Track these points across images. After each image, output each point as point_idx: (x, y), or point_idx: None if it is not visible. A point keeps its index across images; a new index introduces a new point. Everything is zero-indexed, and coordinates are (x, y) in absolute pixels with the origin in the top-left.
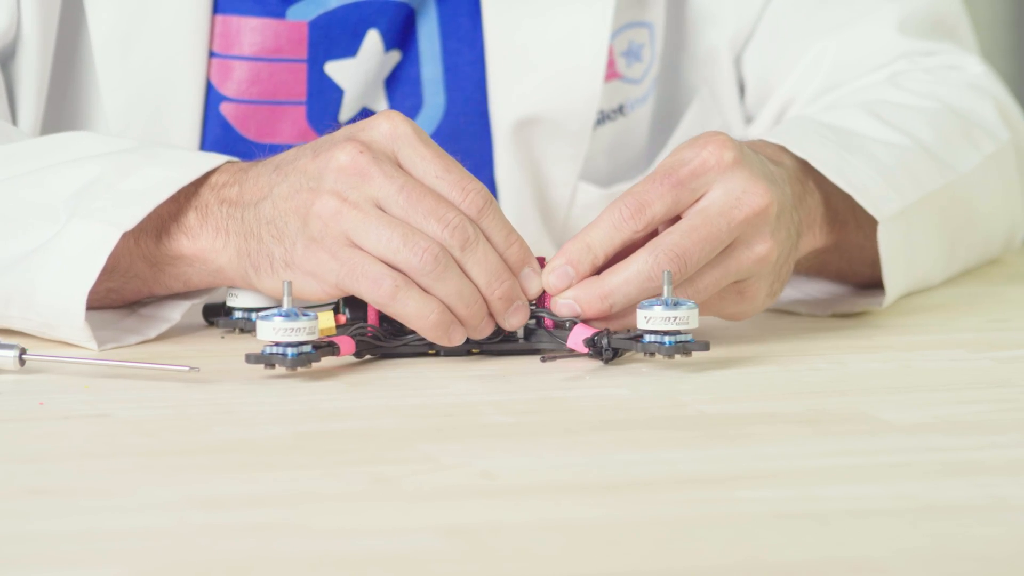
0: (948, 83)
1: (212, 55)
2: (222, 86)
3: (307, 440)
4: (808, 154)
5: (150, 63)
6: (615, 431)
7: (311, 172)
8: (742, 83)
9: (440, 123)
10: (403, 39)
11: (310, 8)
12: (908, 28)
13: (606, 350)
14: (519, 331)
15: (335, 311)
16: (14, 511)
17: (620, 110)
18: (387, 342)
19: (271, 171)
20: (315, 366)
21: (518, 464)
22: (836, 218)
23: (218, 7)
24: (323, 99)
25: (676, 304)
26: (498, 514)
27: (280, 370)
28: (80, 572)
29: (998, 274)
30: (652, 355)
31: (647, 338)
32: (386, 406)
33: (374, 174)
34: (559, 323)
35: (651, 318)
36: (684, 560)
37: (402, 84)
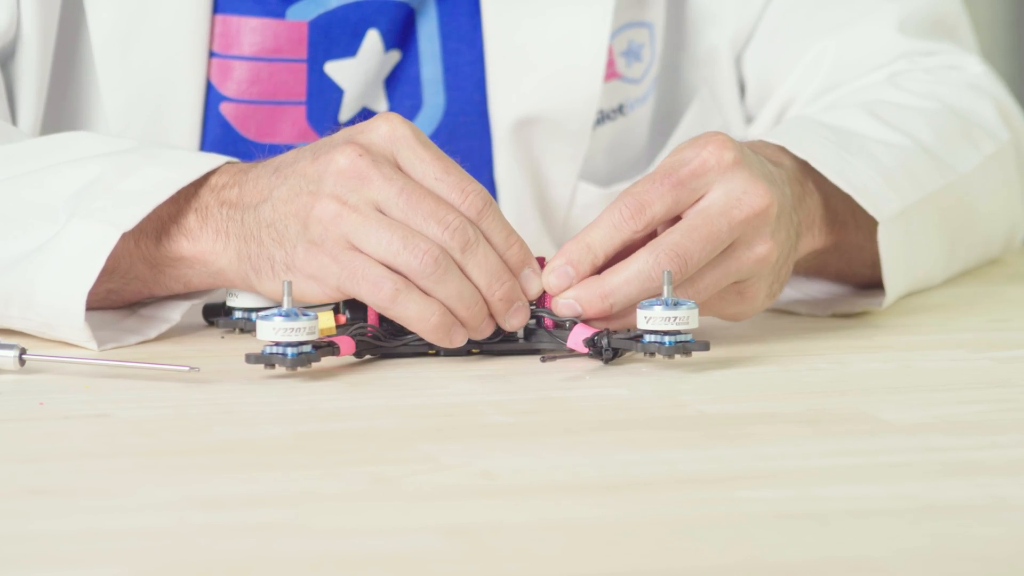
0: (948, 83)
1: (212, 55)
2: (222, 86)
3: (307, 440)
4: (808, 155)
5: (150, 63)
6: (615, 431)
7: (311, 175)
8: (742, 83)
9: (440, 123)
10: (403, 39)
11: (310, 8)
12: (908, 28)
13: (606, 350)
14: (519, 331)
15: (335, 311)
16: (14, 511)
17: (620, 110)
18: (387, 342)
19: (271, 173)
20: (315, 366)
21: (518, 464)
22: (836, 219)
23: (218, 7)
24: (323, 99)
25: (676, 304)
26: (498, 514)
27: (280, 370)
28: (80, 572)
29: (998, 274)
30: (652, 355)
31: (647, 338)
32: (386, 406)
33: (373, 177)
34: (559, 323)
35: (651, 318)
36: (684, 560)
37: (402, 84)
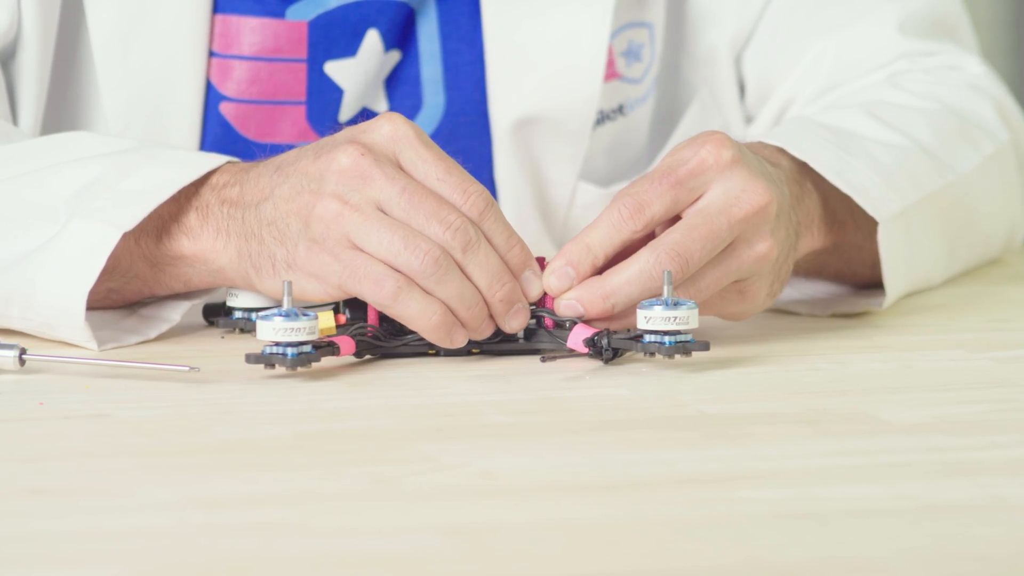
0: (948, 84)
1: (212, 55)
2: (222, 86)
3: (307, 440)
4: (807, 155)
5: (150, 63)
6: (615, 431)
7: (312, 174)
8: (742, 83)
9: (440, 123)
10: (403, 39)
11: (310, 8)
12: (908, 28)
13: (606, 350)
14: (519, 331)
15: (335, 311)
16: (14, 511)
17: (620, 110)
18: (387, 342)
19: (272, 172)
20: (315, 366)
21: (518, 464)
22: (835, 219)
23: (218, 7)
24: (323, 99)
25: (676, 304)
26: (498, 514)
27: (280, 370)
28: (80, 572)
29: (998, 274)
30: (652, 355)
31: (647, 338)
32: (386, 406)
33: (375, 176)
34: (559, 323)
35: (651, 318)
36: (684, 560)
37: (402, 84)
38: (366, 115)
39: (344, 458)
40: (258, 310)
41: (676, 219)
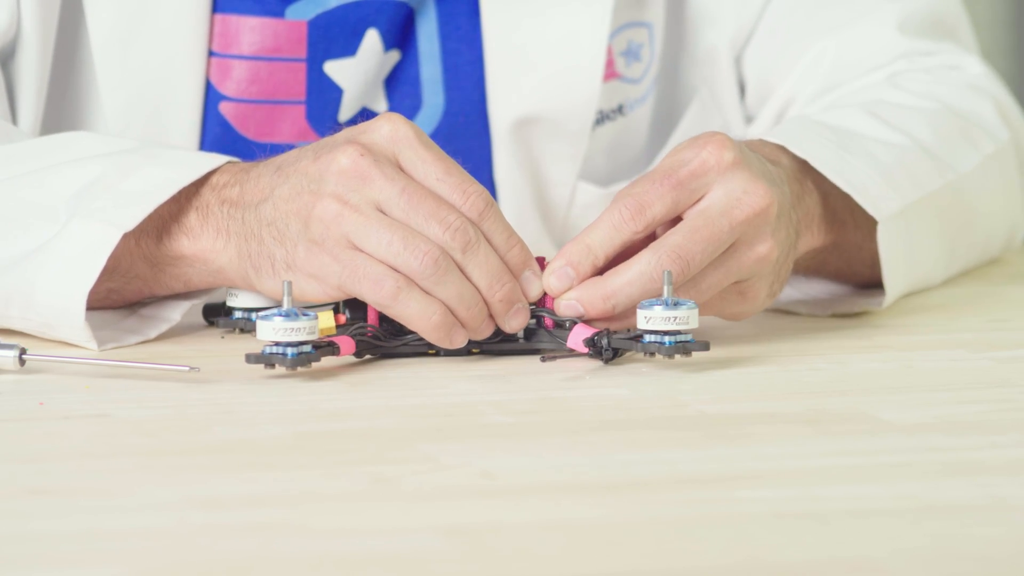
0: (948, 83)
1: (211, 54)
2: (221, 85)
3: (307, 440)
4: (807, 154)
5: (149, 63)
6: (615, 431)
7: (312, 174)
8: (742, 83)
9: (439, 123)
10: (402, 39)
11: (309, 7)
12: (908, 28)
13: (606, 350)
14: (519, 331)
15: (335, 311)
16: (14, 511)
17: (619, 110)
18: (387, 342)
19: (272, 172)
20: (315, 366)
21: (518, 464)
22: (835, 217)
23: (217, 6)
24: (322, 98)
25: (676, 304)
26: (498, 514)
27: (280, 370)
28: (80, 572)
29: (998, 274)
30: (652, 355)
31: (647, 338)
32: (386, 406)
33: (375, 177)
34: (559, 323)
35: (651, 318)
36: (684, 560)
37: (401, 84)
38: (366, 115)
39: (344, 458)
40: (258, 310)
41: (676, 220)
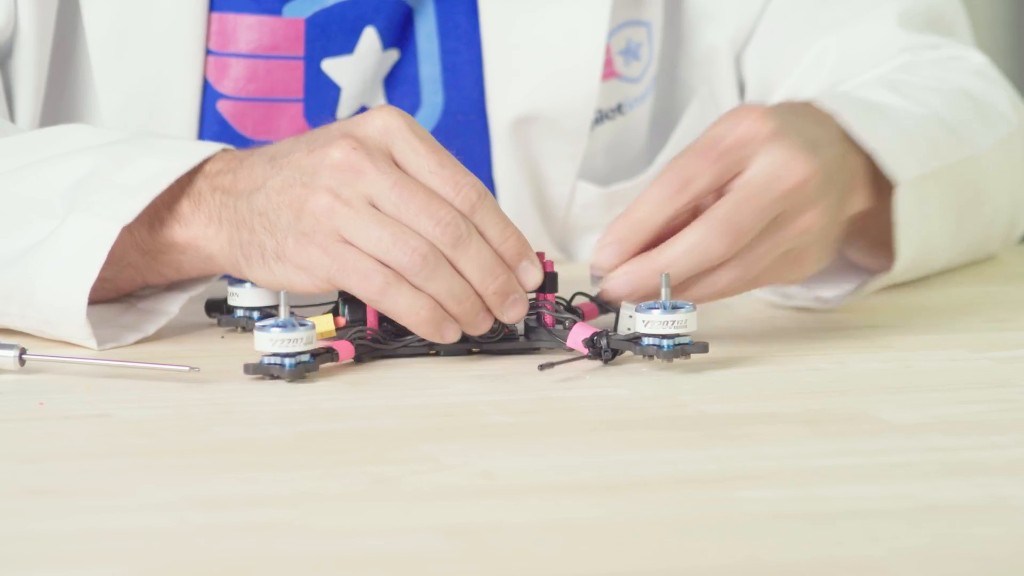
0: (957, 70)
1: (209, 53)
2: (219, 84)
3: (307, 440)
4: (836, 111)
5: (146, 61)
6: (615, 431)
7: (305, 167)
8: (742, 83)
9: (438, 122)
10: (401, 38)
11: (306, 5)
12: (908, 24)
13: (605, 351)
14: (519, 329)
15: (334, 313)
16: (14, 511)
17: (619, 109)
18: (387, 344)
19: (266, 162)
20: None
21: (518, 464)
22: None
23: (214, 5)
24: (320, 97)
25: (675, 308)
26: (498, 514)
27: None
28: (80, 572)
29: (998, 274)
30: (651, 358)
31: (645, 341)
32: (386, 406)
33: (367, 170)
34: (559, 321)
35: (649, 322)
36: (684, 560)
37: (400, 83)
38: None
39: (344, 458)
40: (260, 308)
41: (718, 195)
